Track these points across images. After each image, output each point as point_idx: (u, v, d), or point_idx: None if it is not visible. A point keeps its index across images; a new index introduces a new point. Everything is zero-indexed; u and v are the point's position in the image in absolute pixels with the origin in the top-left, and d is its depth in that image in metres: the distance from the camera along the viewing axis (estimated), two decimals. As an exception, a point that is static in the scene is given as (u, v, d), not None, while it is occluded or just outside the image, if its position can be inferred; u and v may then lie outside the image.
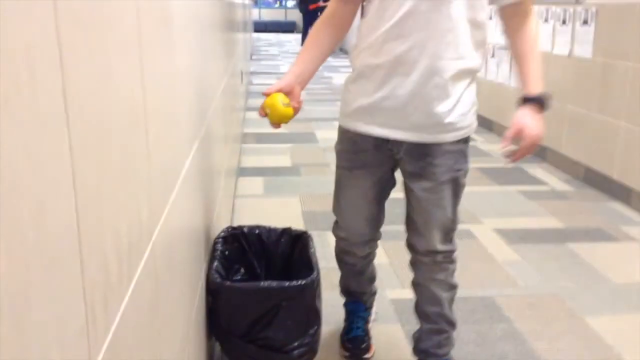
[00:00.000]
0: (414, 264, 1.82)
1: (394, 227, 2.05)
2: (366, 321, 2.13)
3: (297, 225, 3.22)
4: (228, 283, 1.59)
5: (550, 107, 1.58)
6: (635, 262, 2.85)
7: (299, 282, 1.60)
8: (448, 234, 1.74)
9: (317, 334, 1.69)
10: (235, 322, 1.62)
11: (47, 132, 0.44)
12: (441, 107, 1.54)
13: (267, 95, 1.58)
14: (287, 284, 1.59)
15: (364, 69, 1.60)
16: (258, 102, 1.65)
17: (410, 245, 1.78)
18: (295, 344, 1.64)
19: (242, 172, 4.19)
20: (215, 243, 1.84)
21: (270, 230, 1.95)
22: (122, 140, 0.66)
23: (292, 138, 5.21)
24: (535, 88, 1.59)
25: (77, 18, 0.52)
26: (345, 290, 2.15)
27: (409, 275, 1.88)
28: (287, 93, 1.58)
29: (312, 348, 1.68)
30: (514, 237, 3.11)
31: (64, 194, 0.48)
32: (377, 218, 1.82)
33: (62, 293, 0.46)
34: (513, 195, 3.81)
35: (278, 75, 8.08)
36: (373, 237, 1.87)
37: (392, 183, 1.77)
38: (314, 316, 1.66)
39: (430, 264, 1.76)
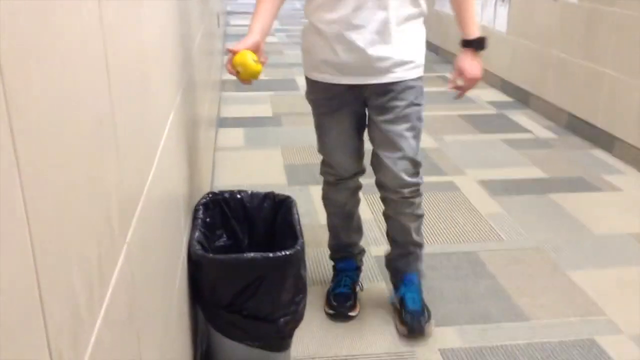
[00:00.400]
0: (384, 199, 1.96)
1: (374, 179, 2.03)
2: (354, 281, 2.12)
3: (279, 179, 3.19)
4: (210, 255, 1.55)
5: (486, 47, 1.83)
6: (616, 212, 2.87)
7: (283, 253, 1.56)
8: (414, 167, 1.88)
9: (302, 301, 1.67)
10: (219, 293, 1.59)
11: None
12: (399, 50, 1.73)
13: (234, 52, 1.62)
14: (270, 255, 1.55)
15: (320, 25, 1.75)
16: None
17: (380, 184, 1.90)
18: (281, 312, 1.62)
19: (222, 122, 4.10)
20: (196, 210, 1.79)
21: (252, 195, 1.90)
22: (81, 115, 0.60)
23: (272, 85, 5.08)
24: (474, 32, 1.82)
25: None
26: (335, 245, 2.16)
27: None
28: (254, 50, 1.64)
29: (298, 315, 1.67)
30: (498, 188, 3.11)
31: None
32: (359, 149, 1.96)
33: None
34: (496, 144, 3.78)
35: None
36: (360, 168, 2.00)
37: (365, 115, 1.90)
38: (299, 285, 1.64)
39: (399, 200, 1.90)
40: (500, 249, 2.51)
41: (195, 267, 1.58)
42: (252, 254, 1.56)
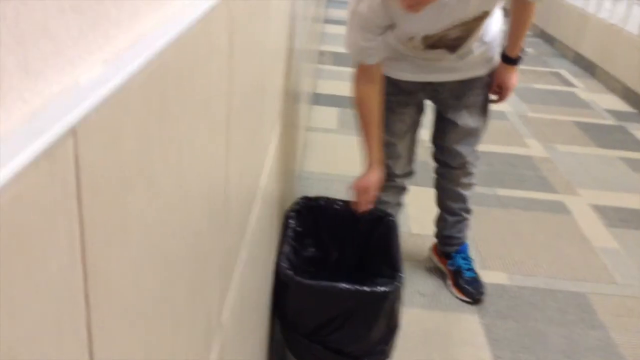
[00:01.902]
0: (442, 174, 2.05)
1: (475, 189, 2.04)
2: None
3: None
4: (299, 279, 1.38)
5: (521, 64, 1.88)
6: None
7: (381, 289, 1.37)
8: (475, 145, 1.96)
9: (392, 341, 1.49)
10: (303, 319, 1.43)
11: None
12: (474, 55, 1.74)
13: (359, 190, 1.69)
14: (366, 289, 1.37)
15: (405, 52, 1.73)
16: (338, 12, 1.49)
17: (442, 161, 2.01)
18: (367, 351, 1.45)
19: (317, 99, 3.91)
20: (287, 217, 1.62)
21: (349, 207, 1.71)
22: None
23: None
24: (518, 50, 1.86)
25: None
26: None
27: (493, 252, 1.62)
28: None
29: (385, 356, 1.49)
30: (614, 217, 2.76)
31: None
32: (415, 148, 2.00)
33: None
34: (614, 162, 3.39)
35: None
36: (411, 168, 2.02)
37: (423, 114, 1.95)
38: (391, 324, 1.45)
39: (459, 173, 2.01)
40: (613, 294, 2.20)
41: (281, 286, 1.42)
42: (344, 285, 1.38)
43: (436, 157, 2.04)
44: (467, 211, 2.13)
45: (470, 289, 2.07)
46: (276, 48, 1.11)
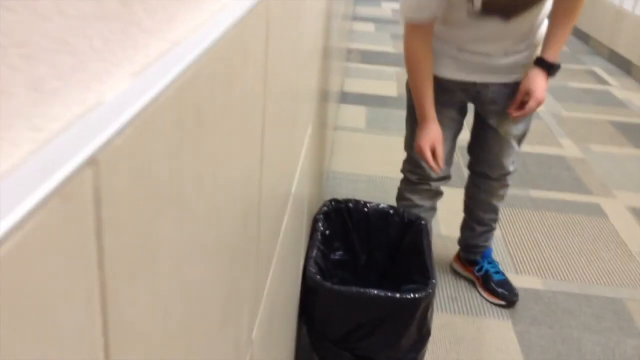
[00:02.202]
0: (477, 184, 1.97)
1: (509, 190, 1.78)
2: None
3: (399, 172, 2.94)
4: (328, 285, 1.35)
5: (554, 76, 1.71)
6: None
7: (412, 296, 1.33)
8: (517, 156, 1.87)
9: (423, 349, 1.44)
10: (332, 325, 1.40)
11: None
12: (523, 54, 1.66)
13: (424, 151, 1.66)
14: (397, 295, 1.33)
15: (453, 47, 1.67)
16: (366, 9, 1.45)
17: (480, 172, 1.93)
18: (397, 359, 1.41)
19: (344, 97, 3.87)
20: (315, 221, 1.59)
21: (378, 209, 1.67)
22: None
23: (400, 61, 4.77)
24: (556, 57, 1.69)
25: None
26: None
27: (527, 256, 1.56)
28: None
29: (416, 363, 1.45)
30: (652, 221, 2.67)
31: None
32: (452, 152, 1.88)
33: None
34: (653, 163, 3.28)
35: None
36: (447, 172, 1.90)
37: (464, 117, 1.86)
38: (423, 331, 1.41)
39: (497, 185, 1.94)
40: (653, 301, 2.12)
41: (309, 291, 1.39)
42: (375, 291, 1.34)
43: (473, 168, 1.96)
44: (496, 221, 2.07)
45: (503, 291, 2.01)
46: (311, 48, 1.08)
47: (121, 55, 0.20)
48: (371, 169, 2.94)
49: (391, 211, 1.66)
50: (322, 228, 1.57)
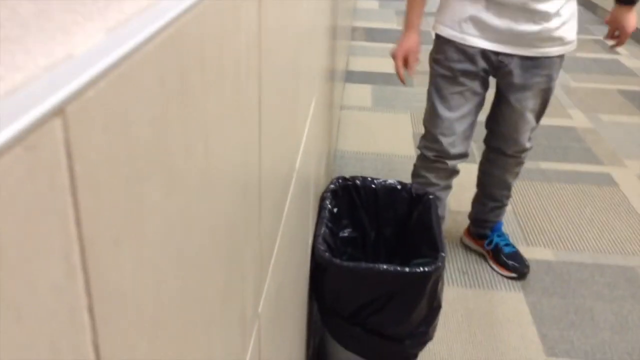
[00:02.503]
0: (492, 160, 1.95)
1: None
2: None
3: (407, 149, 2.92)
4: (337, 262, 1.34)
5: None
6: None
7: (421, 270, 1.33)
8: (533, 132, 1.85)
9: (434, 322, 1.44)
10: (342, 302, 1.40)
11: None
12: (550, 24, 1.61)
13: (396, 58, 1.74)
14: (407, 270, 1.33)
15: None
16: None
17: (495, 148, 1.90)
18: (409, 332, 1.41)
19: (350, 77, 3.85)
20: (323, 199, 1.59)
21: (386, 185, 1.66)
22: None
23: (405, 37, 4.71)
24: None
25: None
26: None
27: (538, 228, 1.54)
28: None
29: (428, 337, 1.45)
30: (665, 188, 2.64)
31: None
32: (472, 128, 1.82)
33: None
34: (664, 130, 3.24)
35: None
36: (466, 149, 1.84)
37: (487, 90, 1.80)
38: (434, 304, 1.41)
39: (512, 162, 1.92)
40: (666, 269, 2.11)
41: (319, 269, 1.39)
42: (384, 266, 1.34)
43: (489, 142, 1.93)
44: (509, 197, 2.05)
45: (514, 264, 2.01)
46: (313, 24, 1.06)
47: (92, 7, 0.19)
48: (378, 146, 2.93)
49: (399, 187, 1.65)
50: (329, 206, 1.57)
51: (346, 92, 3.57)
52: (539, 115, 1.80)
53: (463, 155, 1.83)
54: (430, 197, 1.62)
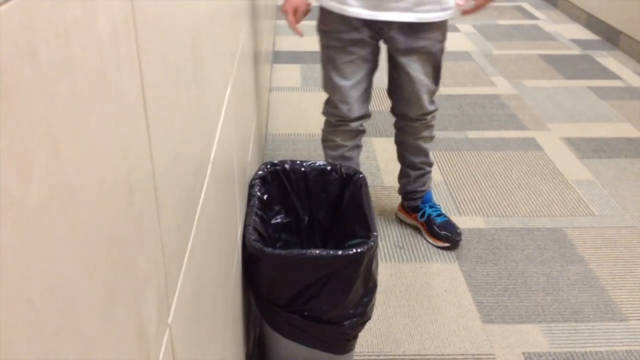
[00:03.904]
0: (401, 127, 2.00)
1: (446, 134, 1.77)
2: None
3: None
4: (269, 250, 1.31)
5: None
6: None
7: (355, 251, 1.31)
8: (433, 95, 1.89)
9: (371, 301, 1.44)
10: (277, 291, 1.37)
11: None
12: None
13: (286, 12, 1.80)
14: (340, 252, 1.31)
15: None
16: None
17: (400, 114, 1.95)
18: (347, 314, 1.40)
19: (277, 57, 3.79)
20: (251, 186, 1.55)
21: (316, 168, 1.64)
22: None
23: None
24: None
25: None
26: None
27: (468, 197, 1.57)
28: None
29: (366, 316, 1.44)
30: (586, 149, 2.74)
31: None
32: (369, 91, 1.89)
33: None
34: (583, 92, 3.36)
35: None
36: (366, 111, 1.92)
37: (378, 55, 1.85)
38: (369, 283, 1.40)
39: (420, 126, 1.95)
40: (591, 227, 2.19)
41: (252, 259, 1.36)
42: (317, 251, 1.32)
43: (394, 110, 1.98)
44: (430, 164, 2.09)
45: (446, 233, 2.04)
46: (216, 8, 1.01)
47: None
48: (310, 127, 2.90)
49: (328, 168, 1.63)
50: (258, 193, 1.53)
51: (275, 74, 3.52)
52: (434, 77, 1.83)
53: (364, 117, 1.91)
54: (360, 176, 1.60)
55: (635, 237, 2.14)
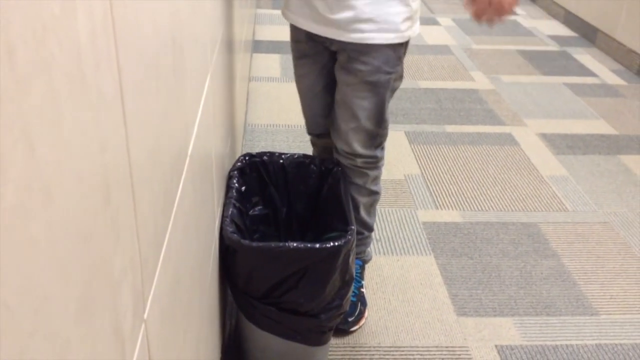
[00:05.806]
0: (338, 162, 1.64)
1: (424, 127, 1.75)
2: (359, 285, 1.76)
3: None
4: (246, 243, 1.31)
5: None
6: (697, 182, 2.55)
7: (332, 244, 1.32)
8: (373, 139, 1.57)
9: (348, 294, 1.45)
10: (254, 283, 1.37)
11: None
12: (364, 6, 1.39)
13: None
14: (317, 246, 1.31)
15: None
16: None
17: (334, 145, 1.64)
18: (323, 307, 1.41)
19: (257, 46, 3.76)
20: (230, 177, 1.54)
21: (294, 160, 1.63)
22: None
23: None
24: None
25: None
26: None
27: (445, 191, 1.58)
28: None
29: (342, 309, 1.45)
30: (562, 145, 2.78)
31: None
32: (329, 107, 1.64)
33: None
34: (559, 89, 3.40)
35: None
36: (325, 129, 1.69)
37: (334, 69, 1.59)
38: (346, 277, 1.41)
39: (350, 167, 1.62)
40: (564, 222, 2.23)
41: (229, 251, 1.35)
42: (294, 244, 1.32)
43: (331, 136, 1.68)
44: (364, 225, 1.75)
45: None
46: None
47: None
48: (289, 118, 2.89)
49: (307, 160, 1.63)
50: (237, 185, 1.52)
51: (254, 63, 3.50)
52: (374, 117, 1.52)
53: (326, 135, 1.70)
54: (339, 169, 1.61)
55: (607, 233, 2.18)
